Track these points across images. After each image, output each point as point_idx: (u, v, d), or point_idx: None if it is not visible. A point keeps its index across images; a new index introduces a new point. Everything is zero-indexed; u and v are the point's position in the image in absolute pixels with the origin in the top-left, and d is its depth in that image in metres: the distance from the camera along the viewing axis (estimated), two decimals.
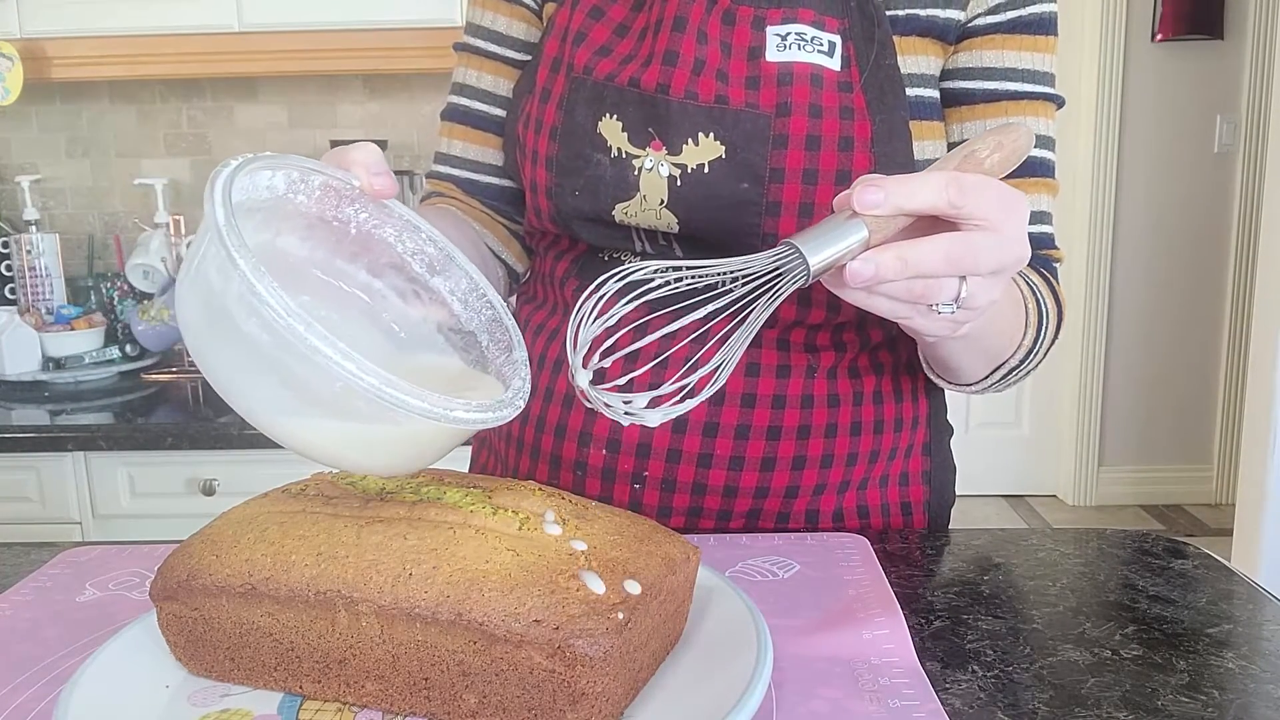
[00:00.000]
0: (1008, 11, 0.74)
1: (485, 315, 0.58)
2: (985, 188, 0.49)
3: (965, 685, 0.53)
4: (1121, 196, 3.45)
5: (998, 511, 3.60)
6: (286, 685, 0.51)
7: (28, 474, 1.70)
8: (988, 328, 0.64)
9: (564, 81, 0.75)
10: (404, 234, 0.57)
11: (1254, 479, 2.57)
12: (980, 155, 0.53)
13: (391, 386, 0.43)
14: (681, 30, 0.72)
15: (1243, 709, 0.50)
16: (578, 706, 0.45)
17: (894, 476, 0.81)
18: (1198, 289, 3.53)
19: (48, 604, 0.64)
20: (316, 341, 0.41)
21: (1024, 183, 0.76)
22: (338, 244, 0.56)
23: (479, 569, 0.47)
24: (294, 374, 0.44)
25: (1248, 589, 0.65)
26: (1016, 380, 0.76)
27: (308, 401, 0.45)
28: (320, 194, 0.54)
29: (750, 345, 0.73)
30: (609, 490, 0.76)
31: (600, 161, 0.73)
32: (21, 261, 2.07)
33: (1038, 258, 0.78)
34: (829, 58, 0.71)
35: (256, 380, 0.46)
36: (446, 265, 0.58)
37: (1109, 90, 3.37)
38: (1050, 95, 0.77)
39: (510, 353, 0.57)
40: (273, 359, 0.43)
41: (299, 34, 1.91)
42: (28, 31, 1.91)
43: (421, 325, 0.58)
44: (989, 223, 0.49)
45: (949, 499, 0.86)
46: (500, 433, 0.84)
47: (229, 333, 0.44)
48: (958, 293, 0.50)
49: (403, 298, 0.58)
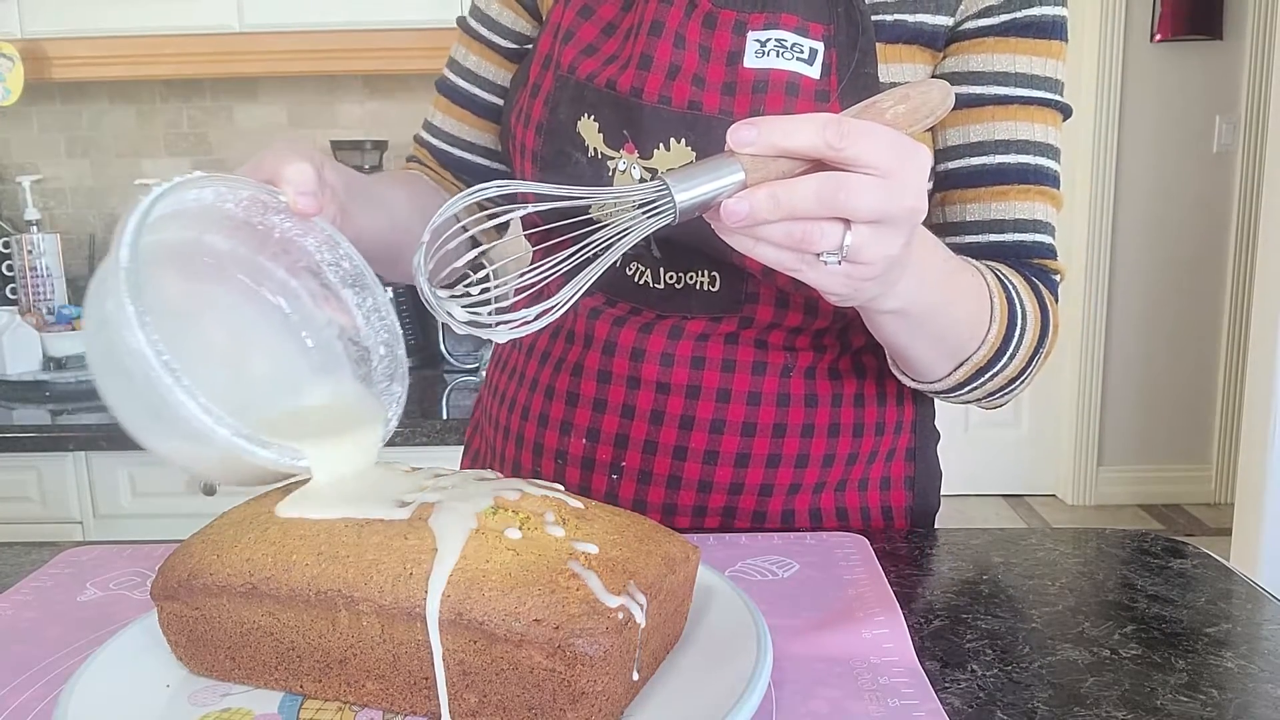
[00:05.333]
0: (999, 15, 0.71)
1: (382, 336, 0.62)
2: (872, 132, 0.47)
3: (965, 685, 0.53)
4: (1121, 196, 3.45)
5: (997, 511, 3.60)
6: (287, 685, 0.51)
7: (28, 474, 1.70)
8: (931, 310, 0.62)
9: (551, 78, 0.76)
10: (323, 247, 0.61)
11: (1253, 479, 2.57)
12: (883, 105, 0.51)
13: (239, 436, 0.49)
14: (658, 34, 0.71)
15: (1242, 709, 0.50)
16: (578, 706, 0.45)
17: (874, 480, 0.80)
18: (1197, 289, 3.53)
19: (48, 604, 0.64)
20: (181, 395, 0.47)
21: (1013, 190, 0.73)
22: (261, 245, 0.60)
23: (479, 569, 0.47)
24: (159, 410, 0.48)
25: (1247, 589, 0.66)
26: (998, 389, 0.72)
27: (168, 429, 0.50)
28: (248, 203, 0.57)
29: (726, 342, 0.74)
30: (588, 480, 0.76)
31: (578, 160, 0.73)
32: (22, 261, 2.07)
33: (1031, 267, 0.75)
34: (808, 65, 0.69)
35: (129, 404, 0.51)
36: (359, 281, 0.62)
37: (1109, 90, 3.37)
38: (1049, 101, 0.73)
39: (391, 382, 0.61)
40: (142, 392, 0.48)
41: (299, 34, 1.91)
42: (28, 31, 1.91)
43: (325, 328, 0.62)
44: (875, 168, 0.47)
45: (933, 505, 0.85)
46: (490, 419, 0.85)
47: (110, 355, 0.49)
48: (840, 241, 0.49)
49: (314, 299, 0.62)
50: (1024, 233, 0.74)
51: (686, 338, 0.74)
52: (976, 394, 0.73)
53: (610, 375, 0.75)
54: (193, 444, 0.50)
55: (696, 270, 0.74)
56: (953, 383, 0.71)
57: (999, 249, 0.74)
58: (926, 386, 0.73)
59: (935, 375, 0.70)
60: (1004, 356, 0.69)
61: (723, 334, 0.74)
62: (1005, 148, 0.73)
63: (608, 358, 0.75)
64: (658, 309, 0.75)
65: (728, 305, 0.74)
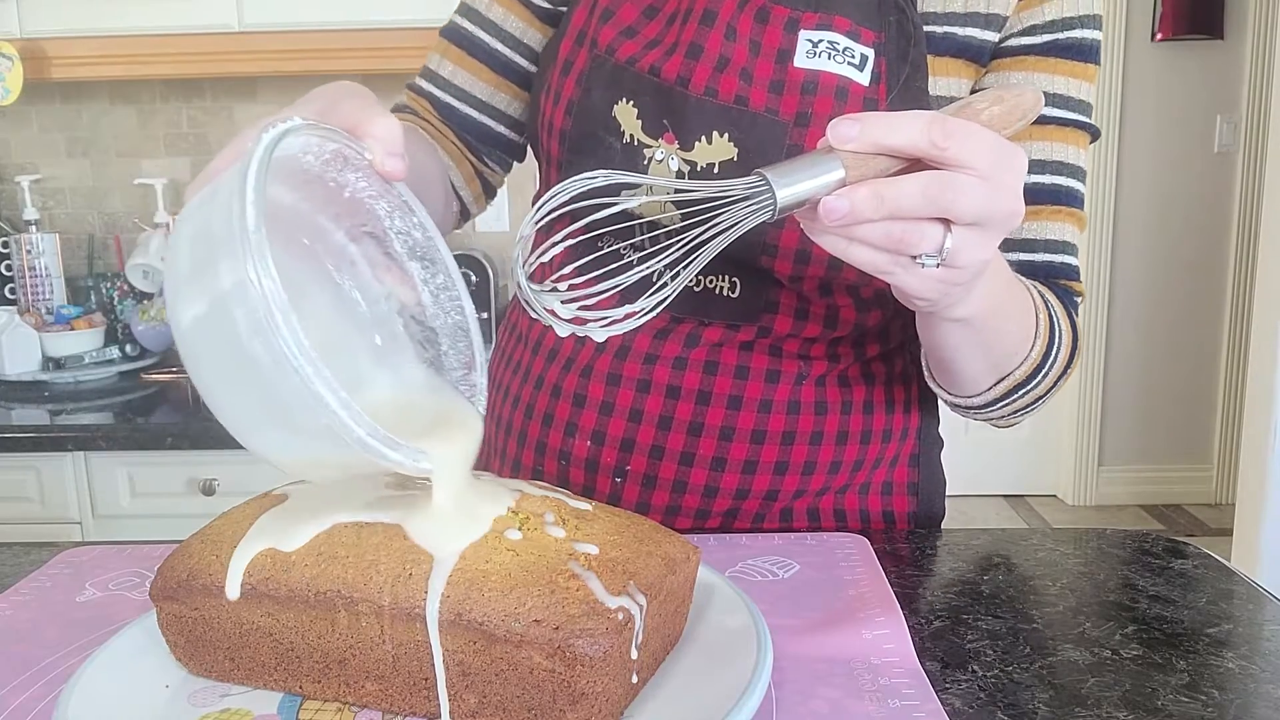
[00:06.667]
0: (1043, 35, 0.71)
1: (453, 319, 0.56)
2: (975, 133, 0.46)
3: (965, 685, 0.53)
4: (1121, 196, 3.45)
5: (998, 511, 3.60)
6: (286, 685, 0.51)
7: (28, 474, 1.70)
8: (991, 320, 0.61)
9: (586, 57, 0.74)
10: (396, 212, 0.54)
11: (1253, 479, 2.57)
12: (978, 106, 0.50)
13: (374, 438, 0.43)
14: (710, 24, 0.70)
15: (1242, 709, 0.50)
16: (578, 706, 0.45)
17: (876, 485, 0.80)
18: (1198, 289, 3.52)
19: (47, 604, 0.64)
20: (321, 388, 0.41)
21: (1047, 210, 0.73)
22: (326, 202, 0.53)
23: (479, 569, 0.47)
24: (279, 400, 0.42)
25: (1247, 589, 0.65)
26: (1022, 406, 0.71)
27: (281, 421, 0.44)
28: (329, 158, 0.51)
29: (741, 349, 0.73)
30: (592, 482, 0.75)
31: (612, 145, 0.72)
32: (21, 261, 2.07)
33: (1058, 287, 0.75)
34: (859, 71, 0.68)
35: (239, 390, 0.44)
36: (429, 254, 0.55)
37: (1109, 90, 3.37)
38: (1082, 124, 0.73)
39: (469, 372, 0.55)
40: (265, 381, 0.42)
41: (299, 34, 1.91)
42: (28, 31, 1.91)
43: (383, 302, 0.55)
44: (976, 170, 0.46)
45: (938, 512, 0.84)
46: (491, 415, 0.83)
47: (226, 333, 0.42)
48: (941, 243, 0.47)
49: (373, 268, 0.55)
50: (1054, 253, 0.74)
51: (703, 344, 0.73)
52: (1004, 411, 0.72)
53: (620, 378, 0.74)
54: (311, 440, 0.44)
55: (717, 275, 0.73)
56: (990, 398, 0.70)
57: (1029, 268, 0.74)
58: (963, 400, 0.72)
59: (977, 389, 0.69)
60: (1040, 373, 0.69)
61: (739, 342, 0.73)
62: (1040, 168, 0.73)
63: (619, 360, 0.74)
64: (674, 312, 0.73)
65: (747, 314, 0.73)
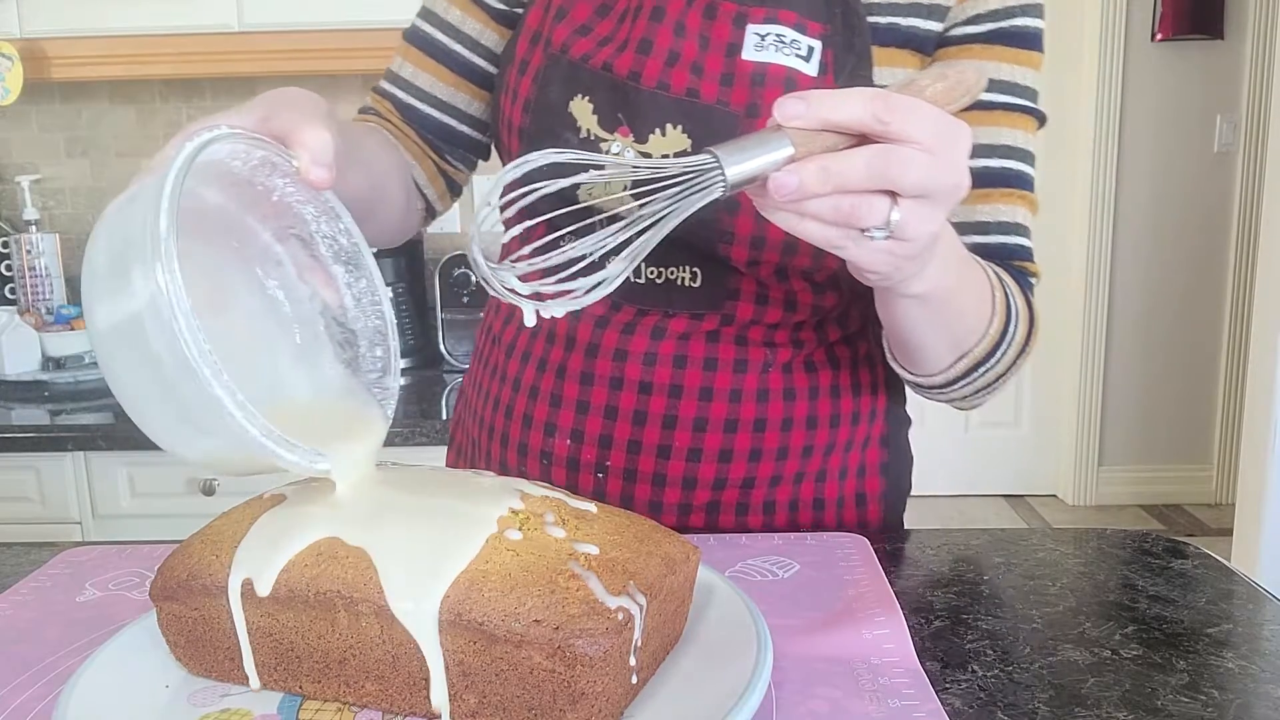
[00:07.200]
0: (986, 23, 0.73)
1: (373, 323, 0.57)
2: (918, 108, 0.47)
3: (965, 685, 0.53)
4: (1121, 196, 3.45)
5: (997, 511, 3.60)
6: (286, 685, 0.51)
7: (27, 474, 1.70)
8: (947, 296, 0.63)
9: (541, 55, 0.76)
10: (323, 217, 0.56)
11: (1253, 479, 2.57)
12: (922, 83, 0.52)
13: (269, 439, 0.45)
14: (659, 20, 0.72)
15: (1242, 709, 0.50)
16: (578, 706, 0.45)
17: (852, 469, 0.81)
18: (1198, 289, 3.52)
19: (47, 604, 0.64)
20: (219, 391, 0.43)
21: (996, 193, 0.75)
22: (254, 203, 0.55)
23: (479, 569, 0.47)
24: (184, 400, 0.44)
25: (1247, 589, 0.66)
26: (983, 385, 0.73)
27: (186, 420, 0.46)
28: (257, 164, 0.53)
29: (708, 340, 0.75)
30: (574, 479, 0.77)
31: (569, 140, 0.73)
32: (21, 261, 2.07)
33: (1012, 268, 0.76)
34: (806, 62, 0.70)
35: (148, 390, 0.47)
36: (354, 259, 0.57)
37: (1109, 90, 3.36)
38: (1029, 109, 0.75)
39: (384, 375, 0.57)
40: (170, 381, 0.44)
41: (299, 34, 1.91)
42: (28, 31, 1.91)
43: (306, 302, 0.57)
44: (920, 143, 0.47)
45: (905, 489, 0.87)
46: (475, 416, 0.85)
47: (135, 335, 0.44)
48: (888, 216, 0.48)
49: (299, 269, 0.57)
50: (1006, 235, 0.76)
51: (669, 337, 0.75)
52: (966, 390, 0.74)
53: (593, 377, 0.76)
54: (212, 439, 0.46)
55: (678, 265, 0.74)
56: (951, 375, 0.71)
57: (983, 250, 0.75)
58: (925, 380, 0.74)
59: (938, 367, 0.71)
60: (998, 350, 0.70)
61: (704, 332, 0.75)
62: (988, 152, 0.75)
63: (590, 360, 0.76)
64: (638, 304, 0.75)
65: (710, 302, 0.75)
